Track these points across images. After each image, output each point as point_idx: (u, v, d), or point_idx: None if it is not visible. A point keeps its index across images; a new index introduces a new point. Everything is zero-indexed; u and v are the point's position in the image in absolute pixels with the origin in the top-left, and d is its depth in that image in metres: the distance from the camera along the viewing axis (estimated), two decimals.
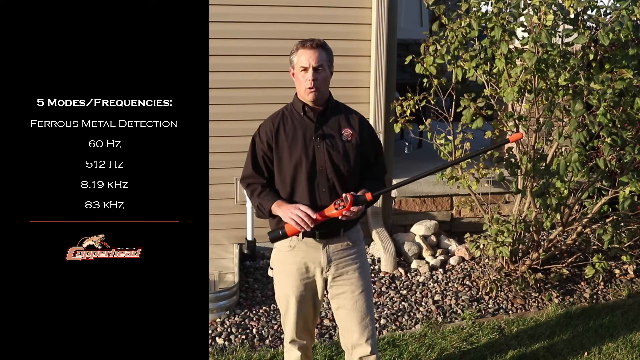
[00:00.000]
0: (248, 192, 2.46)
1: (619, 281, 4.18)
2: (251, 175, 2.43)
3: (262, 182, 2.41)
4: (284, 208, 2.31)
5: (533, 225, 3.94)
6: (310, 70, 2.29)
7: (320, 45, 2.31)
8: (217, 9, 4.15)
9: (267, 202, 2.36)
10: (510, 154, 3.77)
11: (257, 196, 2.40)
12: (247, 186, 2.46)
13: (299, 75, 2.32)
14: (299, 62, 2.30)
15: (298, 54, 2.31)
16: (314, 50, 2.28)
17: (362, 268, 2.50)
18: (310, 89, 2.30)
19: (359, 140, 2.42)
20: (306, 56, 2.28)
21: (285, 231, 2.30)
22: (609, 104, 3.15)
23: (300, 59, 2.30)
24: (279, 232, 2.31)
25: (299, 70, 2.31)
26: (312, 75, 2.28)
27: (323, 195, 2.36)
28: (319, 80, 2.30)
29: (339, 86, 4.21)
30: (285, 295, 2.50)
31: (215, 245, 4.43)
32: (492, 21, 3.43)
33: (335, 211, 2.26)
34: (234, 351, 3.34)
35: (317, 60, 2.28)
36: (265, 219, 2.44)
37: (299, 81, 2.34)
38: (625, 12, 3.22)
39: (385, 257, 4.31)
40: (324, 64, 2.31)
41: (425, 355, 3.28)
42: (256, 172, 2.41)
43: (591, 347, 3.38)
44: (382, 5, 4.29)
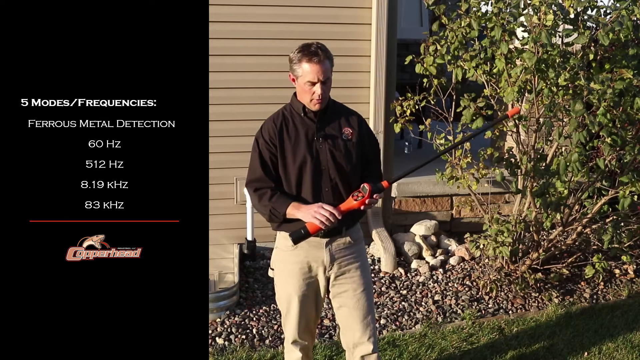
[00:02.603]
0: (255, 197, 2.38)
1: (619, 281, 4.18)
2: (260, 179, 2.37)
3: (270, 185, 2.36)
4: (304, 209, 2.29)
5: (533, 225, 3.94)
6: (319, 85, 2.29)
7: (326, 57, 2.29)
8: (217, 9, 4.15)
9: (281, 206, 2.32)
10: (510, 154, 3.77)
11: (269, 200, 2.34)
12: (254, 190, 2.38)
13: (305, 87, 2.31)
14: (306, 76, 2.28)
15: (303, 68, 2.28)
16: (321, 65, 2.26)
17: (363, 266, 2.51)
18: (317, 101, 2.32)
19: (359, 138, 2.44)
20: (314, 72, 2.27)
21: (308, 230, 2.28)
22: (609, 104, 3.15)
23: (307, 73, 2.28)
24: (301, 231, 2.28)
25: (304, 82, 2.29)
26: (321, 89, 2.29)
27: (326, 195, 2.37)
28: (326, 91, 2.32)
29: (339, 86, 4.19)
30: (287, 295, 2.49)
31: (215, 245, 4.43)
32: (492, 21, 3.43)
33: (355, 202, 2.29)
34: (234, 351, 3.34)
35: (324, 75, 2.28)
36: (277, 222, 2.40)
37: (304, 91, 2.32)
38: (625, 12, 3.22)
39: (385, 257, 4.31)
40: (330, 74, 2.32)
41: (425, 355, 3.28)
42: (266, 174, 2.36)
43: (591, 347, 3.38)
44: (382, 5, 4.29)
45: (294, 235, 2.30)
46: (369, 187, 2.27)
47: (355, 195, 2.30)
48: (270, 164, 2.36)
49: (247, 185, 2.41)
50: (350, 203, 2.30)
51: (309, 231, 2.28)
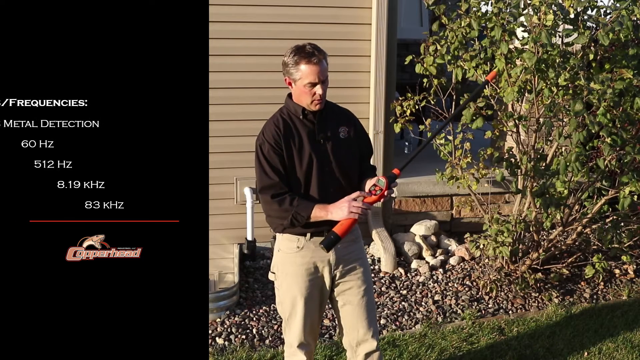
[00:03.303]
0: (275, 203, 2.31)
1: (619, 281, 4.18)
2: (274, 185, 2.31)
3: (286, 189, 2.32)
4: (333, 208, 2.28)
5: (533, 225, 3.94)
6: (320, 85, 2.29)
7: (323, 57, 2.29)
8: (217, 9, 4.16)
9: (305, 210, 2.29)
10: (510, 154, 3.77)
11: (290, 205, 2.29)
12: (272, 197, 2.30)
13: (305, 88, 2.30)
14: (306, 78, 2.27)
15: (301, 70, 2.27)
16: (320, 66, 2.27)
17: (365, 264, 2.53)
18: (319, 102, 2.32)
19: (355, 135, 2.46)
20: (314, 73, 2.26)
21: (337, 233, 2.26)
22: (609, 104, 3.15)
23: (306, 74, 2.27)
24: (331, 236, 2.26)
25: (304, 84, 2.29)
26: (322, 89, 2.30)
27: (333, 195, 2.36)
28: (325, 91, 2.33)
29: (339, 86, 4.22)
30: (292, 297, 2.45)
31: (215, 245, 4.43)
32: (492, 21, 3.43)
33: (375, 196, 2.30)
34: (234, 351, 3.34)
35: (323, 75, 2.29)
36: (298, 226, 2.35)
37: (304, 93, 2.31)
38: (625, 12, 3.22)
39: (385, 257, 4.31)
40: (327, 73, 2.32)
41: (425, 355, 3.28)
42: (280, 179, 2.32)
43: (591, 347, 3.38)
44: (382, 5, 4.29)
45: (325, 242, 2.27)
46: (385, 179, 2.29)
47: (373, 189, 2.31)
48: (281, 168, 2.33)
49: (262, 193, 2.34)
50: (370, 198, 2.31)
51: (338, 235, 2.26)
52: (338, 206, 2.28)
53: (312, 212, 2.29)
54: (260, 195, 2.38)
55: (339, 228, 2.27)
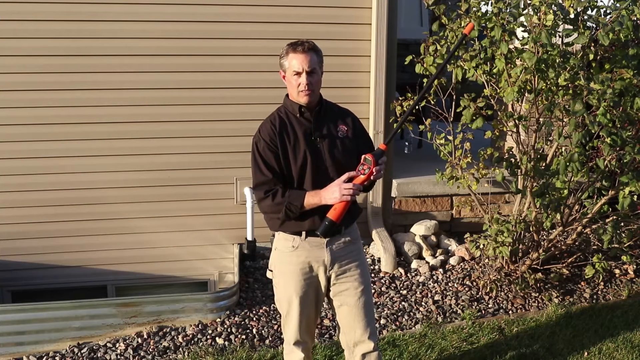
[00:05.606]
0: (268, 199, 2.34)
1: (619, 281, 4.18)
2: (268, 181, 2.35)
3: (280, 185, 2.35)
4: (325, 193, 2.30)
5: (533, 225, 3.94)
6: (304, 75, 2.30)
7: (312, 48, 2.31)
8: (217, 9, 4.17)
9: (297, 199, 2.32)
10: (510, 154, 3.77)
11: (282, 197, 2.32)
12: (265, 193, 2.34)
13: (292, 79, 2.33)
14: (292, 67, 2.30)
15: (289, 58, 2.31)
16: (306, 54, 2.28)
17: (362, 265, 2.53)
18: (305, 92, 2.32)
19: (354, 135, 2.46)
20: (299, 61, 2.29)
21: (332, 219, 2.29)
22: (609, 104, 3.15)
23: (292, 63, 2.30)
24: (326, 222, 2.29)
25: (291, 74, 2.32)
26: (307, 79, 2.30)
27: None
28: (313, 83, 2.32)
29: (339, 86, 4.23)
30: (288, 296, 2.49)
31: (215, 245, 4.44)
32: (492, 21, 3.43)
33: (364, 175, 2.30)
34: (234, 351, 3.34)
35: (309, 64, 2.29)
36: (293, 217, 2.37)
37: (291, 84, 2.34)
38: (625, 12, 3.22)
39: (385, 257, 4.31)
40: (316, 66, 2.32)
41: (425, 355, 3.28)
42: (274, 176, 2.35)
43: (591, 347, 3.38)
44: (382, 5, 4.29)
45: (321, 229, 2.30)
46: (372, 156, 2.29)
47: (361, 169, 2.30)
48: (275, 165, 2.35)
49: (256, 189, 2.39)
50: (360, 177, 2.30)
51: (333, 220, 2.28)
52: (329, 190, 2.30)
53: (305, 200, 2.31)
54: (254, 192, 2.42)
55: (332, 213, 2.29)
